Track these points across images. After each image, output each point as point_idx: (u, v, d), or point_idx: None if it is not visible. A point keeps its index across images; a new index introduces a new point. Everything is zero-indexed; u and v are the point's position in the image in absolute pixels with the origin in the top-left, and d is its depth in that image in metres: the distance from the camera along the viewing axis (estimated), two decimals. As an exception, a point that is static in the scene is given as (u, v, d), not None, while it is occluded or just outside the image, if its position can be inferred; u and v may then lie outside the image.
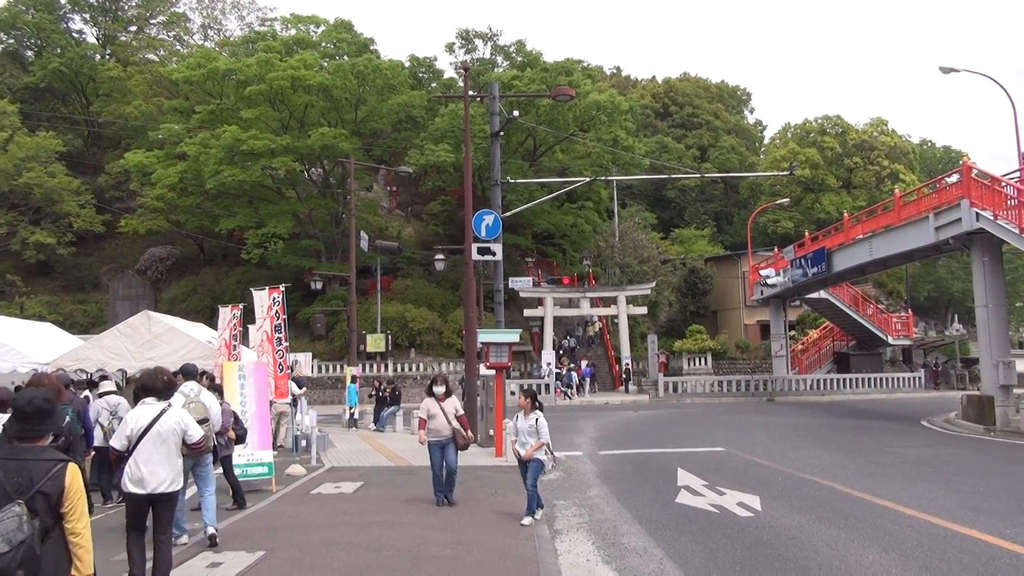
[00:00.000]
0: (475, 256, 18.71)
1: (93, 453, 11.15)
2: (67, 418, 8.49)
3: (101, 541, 5.68)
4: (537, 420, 9.68)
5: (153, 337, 16.90)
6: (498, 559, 7.70)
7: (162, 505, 6.39)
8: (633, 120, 51.68)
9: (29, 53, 56.82)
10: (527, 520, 9.36)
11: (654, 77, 79.11)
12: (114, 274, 48.97)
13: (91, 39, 58.46)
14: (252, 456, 12.38)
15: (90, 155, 53.51)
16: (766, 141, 77.25)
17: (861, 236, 30.41)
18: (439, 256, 31.45)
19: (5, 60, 55.46)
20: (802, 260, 35.70)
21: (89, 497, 4.06)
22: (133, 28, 60.00)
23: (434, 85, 53.37)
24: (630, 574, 7.54)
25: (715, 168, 61.16)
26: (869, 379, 40.78)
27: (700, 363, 43.72)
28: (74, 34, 57.00)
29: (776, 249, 42.47)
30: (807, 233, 38.11)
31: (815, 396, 38.56)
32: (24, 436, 3.71)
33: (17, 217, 45.19)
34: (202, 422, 8.02)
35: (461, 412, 10.67)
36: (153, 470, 6.28)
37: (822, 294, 40.64)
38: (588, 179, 38.77)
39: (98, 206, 47.50)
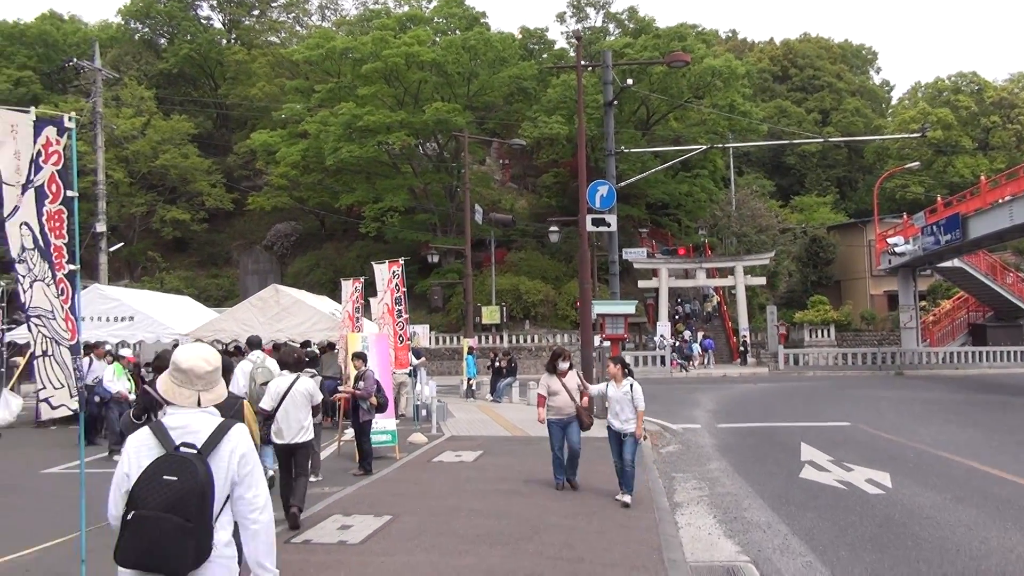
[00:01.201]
0: (589, 227, 18.62)
1: None
2: None
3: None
4: (632, 387, 8.87)
5: (281, 310, 17.67)
6: (618, 529, 7.73)
7: (299, 451, 8.35)
8: (750, 85, 50.07)
9: (162, 41, 59.85)
10: (627, 497, 8.74)
11: (772, 39, 76.24)
12: (243, 249, 51.42)
13: (217, 24, 61.12)
14: (376, 424, 12.81)
15: (219, 136, 56.09)
16: (894, 102, 73.42)
17: (1000, 200, 28.59)
18: (553, 228, 31.48)
19: (141, 48, 58.59)
20: (934, 227, 33.85)
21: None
22: (256, 12, 62.25)
23: (545, 56, 53.17)
24: (753, 549, 7.44)
25: (838, 132, 58.51)
26: (1008, 352, 38.43)
27: (822, 335, 42.26)
28: (202, 21, 59.68)
29: (905, 216, 40.41)
30: (939, 198, 36.13)
31: (948, 370, 36.69)
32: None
33: (155, 197, 48.00)
34: (265, 384, 9.19)
35: (585, 387, 9.76)
36: (290, 425, 8.34)
37: (956, 262, 38.49)
38: (703, 147, 37.85)
39: (227, 185, 49.90)
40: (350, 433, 13.09)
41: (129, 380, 13.71)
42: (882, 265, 40.42)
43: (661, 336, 38.71)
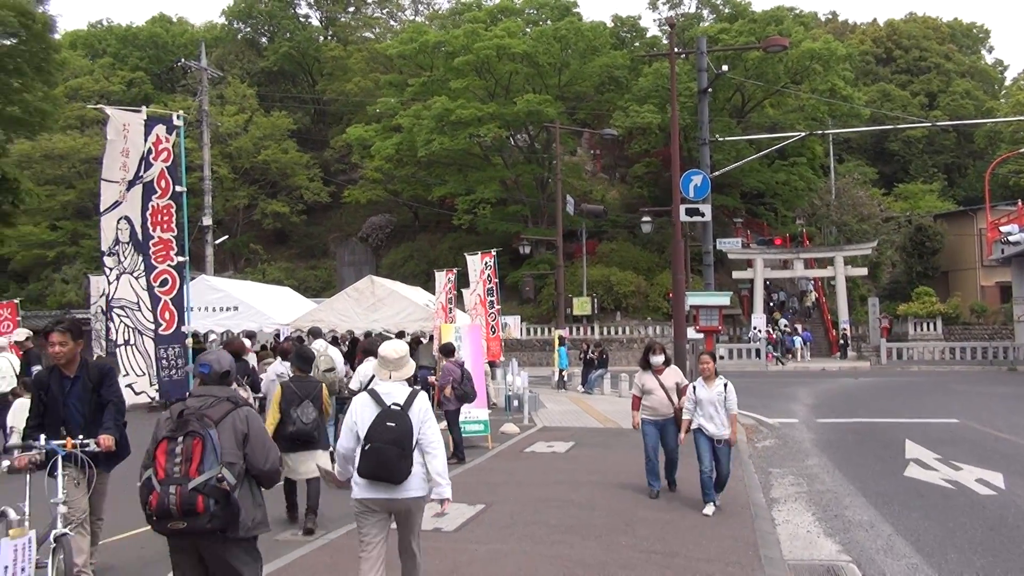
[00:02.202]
0: (683, 217, 18.32)
1: None
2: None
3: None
4: (726, 387, 8.09)
5: (377, 300, 18.03)
6: (713, 525, 7.63)
7: None
8: (851, 68, 48.23)
9: (263, 40, 61.76)
10: (711, 508, 7.99)
11: (875, 20, 73.24)
12: (340, 242, 52.74)
13: (315, 22, 62.67)
14: (469, 414, 13.00)
15: (316, 131, 57.60)
16: (1007, 83, 69.46)
17: None
18: (645, 219, 31.13)
19: (243, 47, 60.65)
20: (1052, 214, 31.94)
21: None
22: (351, 8, 63.51)
23: (637, 44, 52.50)
24: (855, 548, 7.23)
25: (946, 116, 55.76)
26: None
27: (928, 328, 40.44)
28: (300, 19, 61.29)
29: (1020, 203, 38.25)
30: (1058, 184, 34.04)
31: (1066, 366, 34.63)
32: (304, 369, 6.49)
33: (257, 191, 49.70)
34: (328, 371, 10.03)
35: (685, 383, 8.85)
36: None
37: (1076, 251, 36.22)
38: (801, 134, 36.64)
39: (325, 178, 51.26)
40: (442, 423, 13.31)
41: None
42: (994, 255, 38.38)
43: (756, 328, 37.82)
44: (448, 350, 12.04)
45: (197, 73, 34.03)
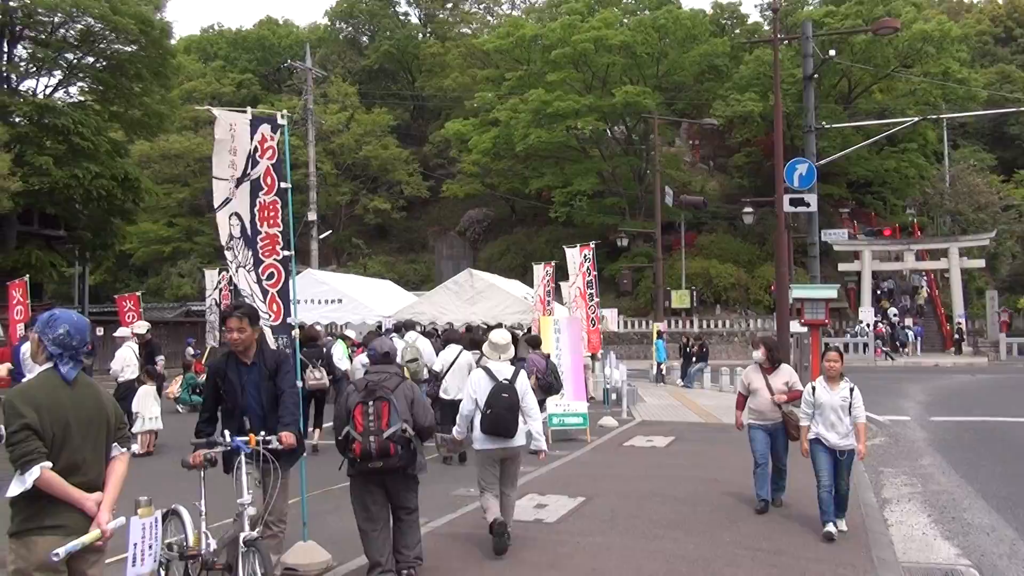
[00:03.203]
0: (787, 208, 17.81)
1: None
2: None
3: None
4: (852, 392, 7.02)
5: (476, 293, 18.24)
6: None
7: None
8: (967, 49, 45.80)
9: (364, 39, 63.20)
10: (832, 528, 6.90)
11: (994, -3, 69.19)
12: (438, 236, 53.54)
13: (414, 20, 63.77)
14: (568, 407, 13.01)
15: (416, 127, 58.59)
16: None
17: None
18: (748, 209, 30.36)
19: (345, 47, 62.19)
20: None
21: None
22: (449, 5, 64.25)
23: (737, 32, 51.29)
24: (976, 553, 6.90)
25: (1074, 97, 52.34)
26: None
27: (1053, 323, 38.19)
28: (400, 17, 62.44)
29: None
30: None
31: None
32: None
33: (358, 187, 50.95)
34: (411, 361, 11.44)
35: (799, 388, 7.77)
36: (456, 386, 10.17)
37: None
38: (913, 119, 34.97)
39: (423, 173, 52.11)
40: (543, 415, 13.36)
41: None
42: None
43: (863, 322, 36.46)
44: (534, 342, 12.30)
45: (302, 73, 35.11)
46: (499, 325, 17.54)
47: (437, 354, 11.92)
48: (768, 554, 6.45)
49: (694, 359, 23.94)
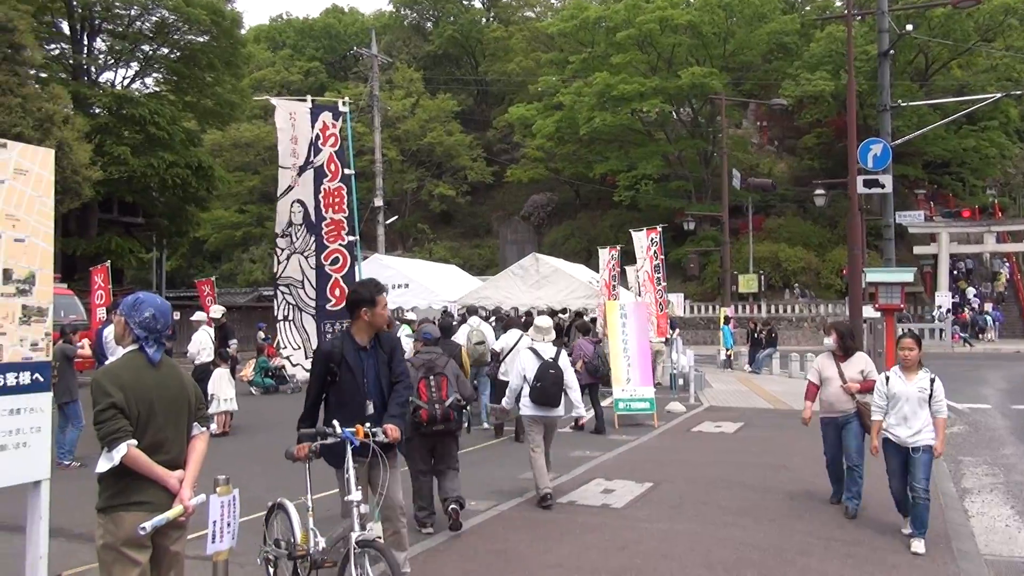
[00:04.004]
0: (860, 189, 17.30)
1: None
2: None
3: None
4: (933, 383, 6.23)
5: (541, 278, 18.24)
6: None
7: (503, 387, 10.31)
8: (1054, 21, 43.71)
9: (428, 24, 63.52)
10: (919, 545, 6.10)
11: (1085, -34, 65.77)
12: (502, 220, 53.66)
13: (478, 4, 63.79)
14: (635, 392, 12.93)
15: (479, 112, 58.71)
16: None
17: None
18: (819, 191, 29.65)
19: (410, 33, 62.61)
20: None
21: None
22: (513, -12, 64.16)
23: (808, 8, 49.90)
24: (1063, 546, 6.63)
25: None
26: None
27: None
28: (464, 2, 62.50)
29: None
30: None
31: None
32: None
33: (424, 172, 51.38)
34: (479, 343, 12.07)
35: (874, 377, 6.95)
36: (511, 369, 9.50)
37: None
38: (994, 96, 33.60)
39: (487, 158, 52.24)
40: (608, 400, 13.33)
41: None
42: None
43: (939, 307, 35.32)
44: (584, 328, 12.83)
45: (368, 60, 35.45)
46: (564, 310, 17.67)
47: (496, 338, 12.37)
48: (843, 544, 6.32)
49: (763, 344, 23.53)
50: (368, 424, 4.60)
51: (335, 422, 4.56)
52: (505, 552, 6.13)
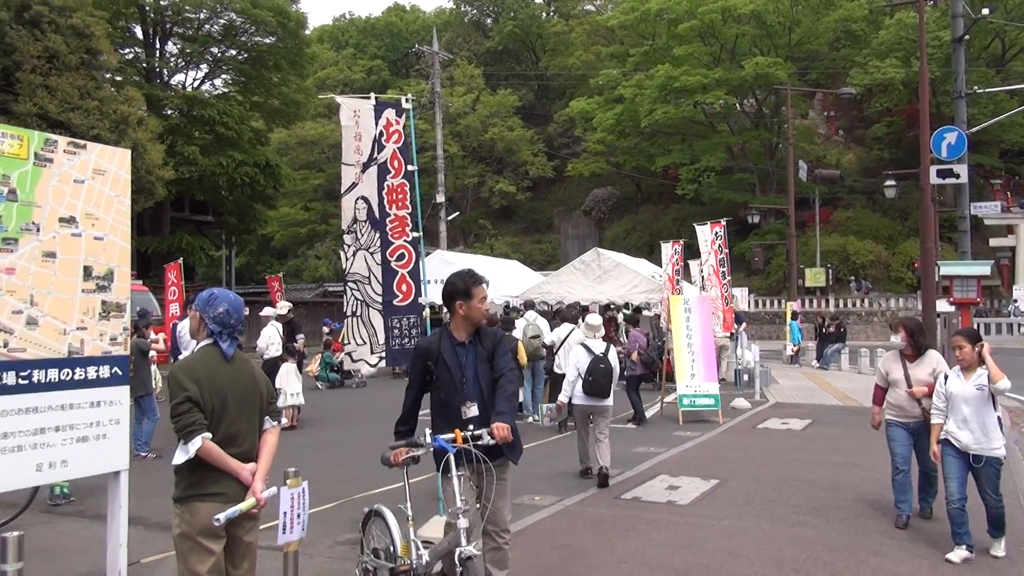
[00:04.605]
0: (933, 179, 16.79)
1: None
2: None
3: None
4: (993, 382, 5.73)
5: (603, 272, 18.15)
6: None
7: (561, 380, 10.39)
8: None
9: (488, 20, 63.67)
10: (998, 548, 5.85)
11: None
12: (563, 215, 53.52)
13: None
14: (699, 388, 12.78)
15: (540, 107, 58.66)
16: None
17: None
18: (890, 182, 28.86)
19: (470, 29, 62.85)
20: None
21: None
22: (573, -18, 63.88)
23: (877, -6, 48.53)
24: None
25: None
26: None
27: None
28: (523, -3, 62.54)
29: None
30: None
31: None
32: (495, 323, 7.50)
33: (484, 168, 51.57)
34: (534, 337, 12.41)
35: (948, 374, 6.15)
36: (566, 361, 9.94)
37: None
38: (1078, 81, 32.32)
39: (548, 153, 52.17)
40: (671, 395, 13.20)
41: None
42: None
43: (1016, 301, 34.04)
44: (633, 320, 13.76)
45: (429, 57, 35.74)
46: (626, 305, 17.57)
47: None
48: (919, 544, 6.14)
49: (831, 339, 23.01)
50: (471, 427, 4.20)
51: (427, 431, 4.28)
52: (569, 547, 6.12)
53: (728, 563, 5.73)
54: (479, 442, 4.12)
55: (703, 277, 17.28)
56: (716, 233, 16.23)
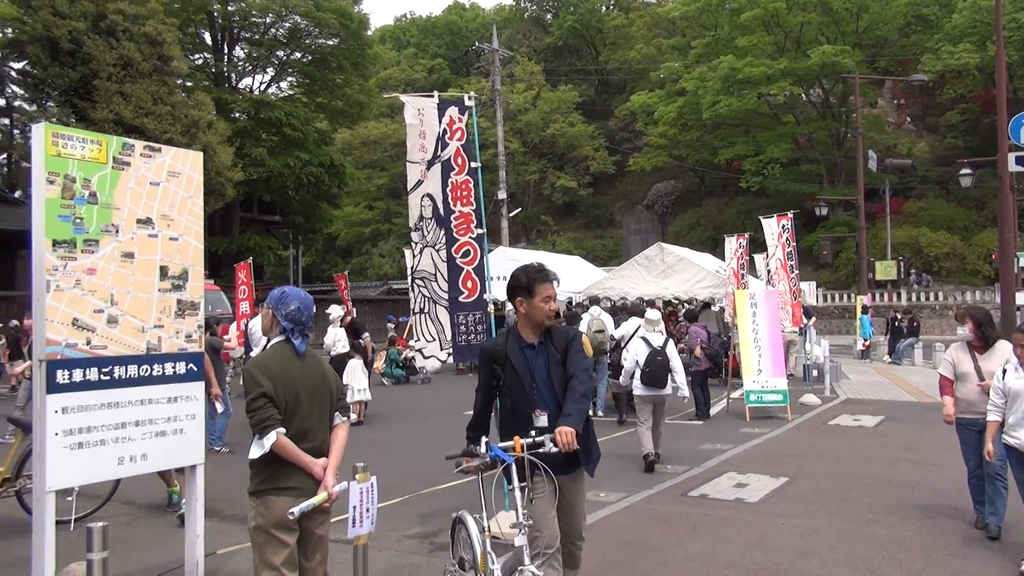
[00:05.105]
0: (1012, 167, 16.18)
1: None
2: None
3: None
4: None
5: (667, 267, 17.95)
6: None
7: None
8: None
9: (548, 16, 63.60)
10: None
11: None
12: (625, 210, 53.18)
13: (597, -7, 63.40)
14: (766, 384, 12.56)
15: (600, 102, 58.34)
16: None
17: None
18: (965, 171, 27.89)
19: (530, 26, 62.88)
20: None
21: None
22: (633, -25, 63.38)
23: (950, -23, 46.92)
24: None
25: None
26: None
27: None
28: (583, -10, 62.30)
29: None
30: None
31: None
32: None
33: (546, 164, 51.55)
34: (599, 331, 12.45)
35: (1007, 368, 5.73)
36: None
37: None
38: None
39: (609, 148, 51.88)
40: (738, 391, 13.01)
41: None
42: None
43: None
44: (691, 316, 13.74)
45: (489, 55, 35.83)
46: (690, 300, 17.36)
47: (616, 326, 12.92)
48: (1003, 545, 5.92)
49: (904, 334, 22.37)
50: (533, 434, 3.83)
51: (484, 439, 3.96)
52: (637, 544, 6.08)
53: (799, 562, 5.62)
54: (540, 450, 3.73)
55: (769, 271, 16.96)
56: (783, 226, 15.91)
